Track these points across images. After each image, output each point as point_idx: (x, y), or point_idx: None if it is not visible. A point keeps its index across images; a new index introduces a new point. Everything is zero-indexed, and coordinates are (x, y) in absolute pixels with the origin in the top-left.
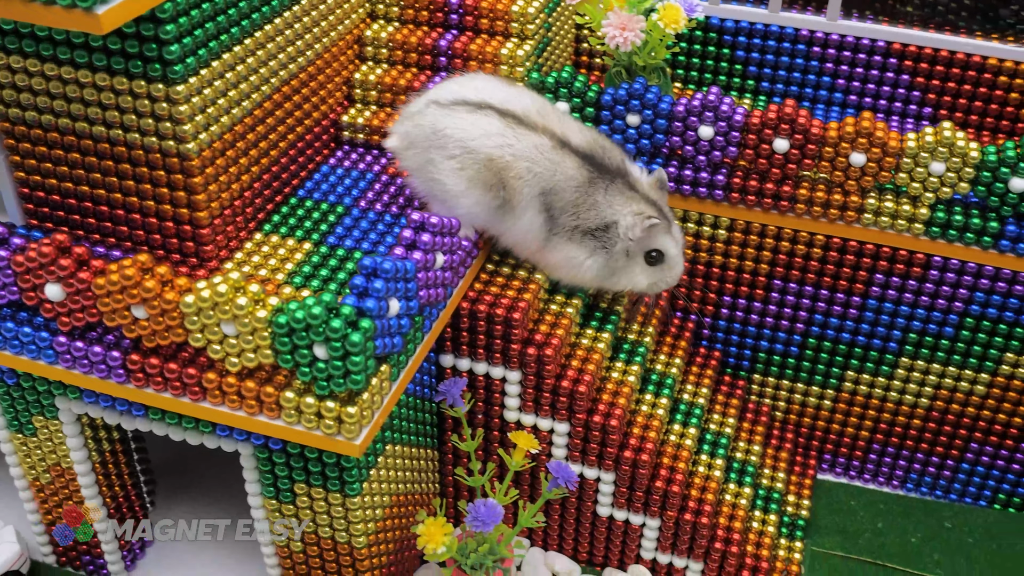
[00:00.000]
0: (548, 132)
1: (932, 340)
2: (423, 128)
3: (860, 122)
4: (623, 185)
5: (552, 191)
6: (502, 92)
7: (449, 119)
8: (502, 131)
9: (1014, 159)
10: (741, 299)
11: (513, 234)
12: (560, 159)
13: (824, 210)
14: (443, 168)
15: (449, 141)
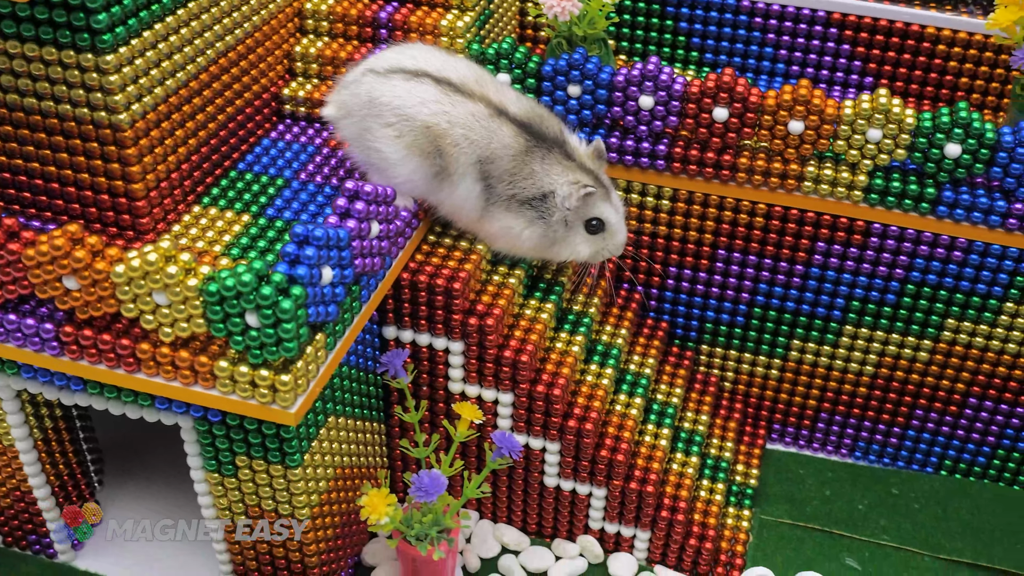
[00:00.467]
0: (485, 100)
1: (875, 307)
2: (359, 97)
3: (797, 90)
4: (560, 154)
5: (489, 159)
6: (439, 60)
7: (385, 87)
8: (438, 98)
9: (948, 124)
10: (686, 269)
11: (451, 203)
12: (497, 127)
13: (764, 179)
14: (380, 136)
15: (385, 109)
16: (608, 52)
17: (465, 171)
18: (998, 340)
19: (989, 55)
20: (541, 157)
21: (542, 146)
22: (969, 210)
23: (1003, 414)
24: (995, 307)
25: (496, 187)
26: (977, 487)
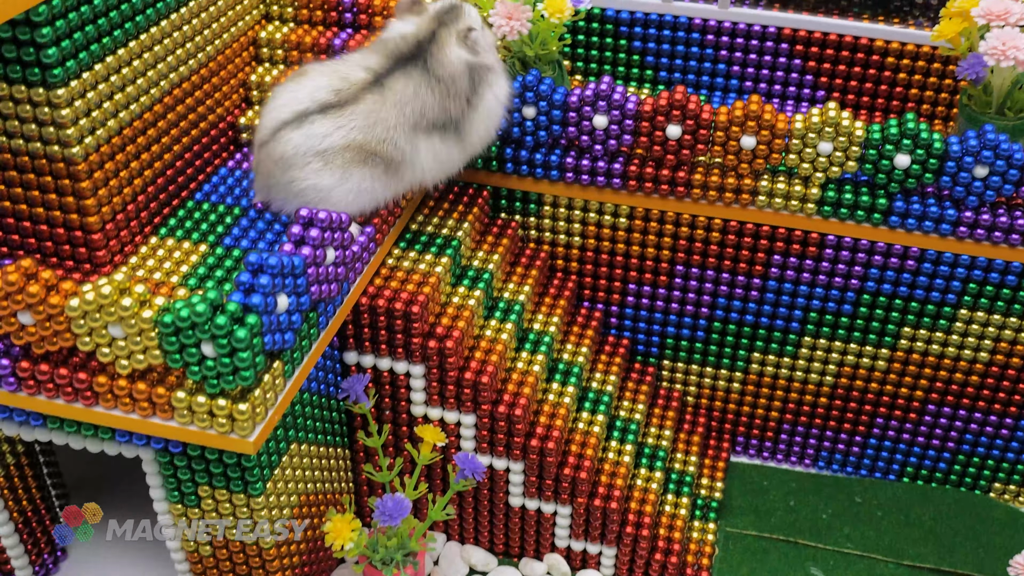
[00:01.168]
0: (364, 88)
1: (832, 318)
2: (266, 164)
3: (748, 106)
4: (434, 45)
5: (420, 115)
6: (311, 86)
7: (282, 145)
8: (336, 124)
9: (897, 136)
10: (646, 286)
11: (425, 170)
12: (391, 92)
13: (719, 194)
14: (307, 175)
15: (297, 158)
16: (562, 73)
17: (413, 144)
18: (954, 347)
19: (937, 66)
20: (428, 61)
21: (414, 63)
22: (920, 219)
23: (961, 420)
24: (949, 314)
25: (436, 127)
26: (938, 493)
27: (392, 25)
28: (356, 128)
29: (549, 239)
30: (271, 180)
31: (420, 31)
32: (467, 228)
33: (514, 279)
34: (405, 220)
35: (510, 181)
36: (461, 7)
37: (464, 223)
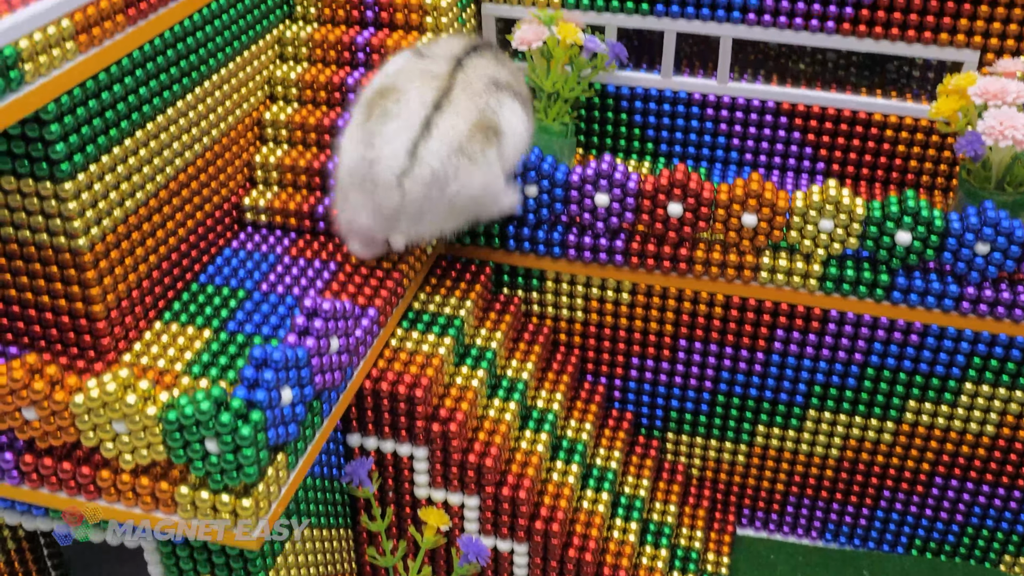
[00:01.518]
0: (451, 73)
1: (836, 392)
2: (417, 192)
3: (749, 184)
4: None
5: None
6: (411, 96)
7: (428, 160)
8: (455, 112)
9: (897, 213)
10: (649, 360)
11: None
12: (470, 69)
13: (721, 270)
14: (462, 180)
15: (448, 167)
16: (572, 138)
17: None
18: (959, 420)
19: (936, 138)
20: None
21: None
22: (923, 295)
23: (969, 492)
24: (954, 388)
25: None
26: (947, 566)
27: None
28: (468, 109)
29: (552, 314)
30: (428, 206)
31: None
32: (469, 307)
33: (517, 356)
34: (408, 299)
35: (512, 258)
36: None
37: (466, 301)
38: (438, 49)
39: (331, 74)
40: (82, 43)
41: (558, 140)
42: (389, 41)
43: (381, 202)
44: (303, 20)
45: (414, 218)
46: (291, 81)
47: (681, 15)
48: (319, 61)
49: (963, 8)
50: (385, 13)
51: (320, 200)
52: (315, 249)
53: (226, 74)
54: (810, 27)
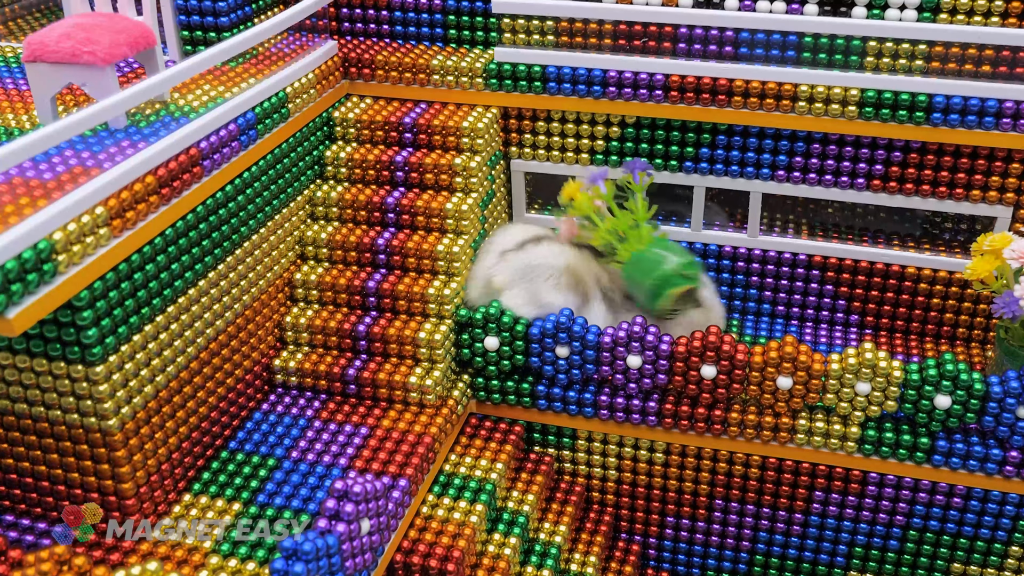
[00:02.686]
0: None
1: (878, 554)
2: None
3: (783, 347)
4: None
5: (599, 278)
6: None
7: (526, 254)
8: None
9: (936, 377)
10: (684, 519)
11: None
12: (579, 254)
13: (757, 431)
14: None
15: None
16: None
17: (593, 296)
18: None
19: (971, 292)
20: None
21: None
22: (965, 459)
23: None
24: (1000, 551)
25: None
26: None
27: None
28: (570, 257)
29: (584, 472)
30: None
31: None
32: (501, 469)
33: (550, 517)
34: (440, 462)
35: (545, 417)
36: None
37: (497, 463)
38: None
39: (361, 234)
40: (115, 227)
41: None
42: (419, 202)
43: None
44: (334, 180)
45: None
46: (322, 241)
47: (710, 171)
48: (349, 221)
49: (994, 166)
50: (415, 174)
51: (351, 361)
52: (346, 412)
53: (259, 239)
54: (840, 184)
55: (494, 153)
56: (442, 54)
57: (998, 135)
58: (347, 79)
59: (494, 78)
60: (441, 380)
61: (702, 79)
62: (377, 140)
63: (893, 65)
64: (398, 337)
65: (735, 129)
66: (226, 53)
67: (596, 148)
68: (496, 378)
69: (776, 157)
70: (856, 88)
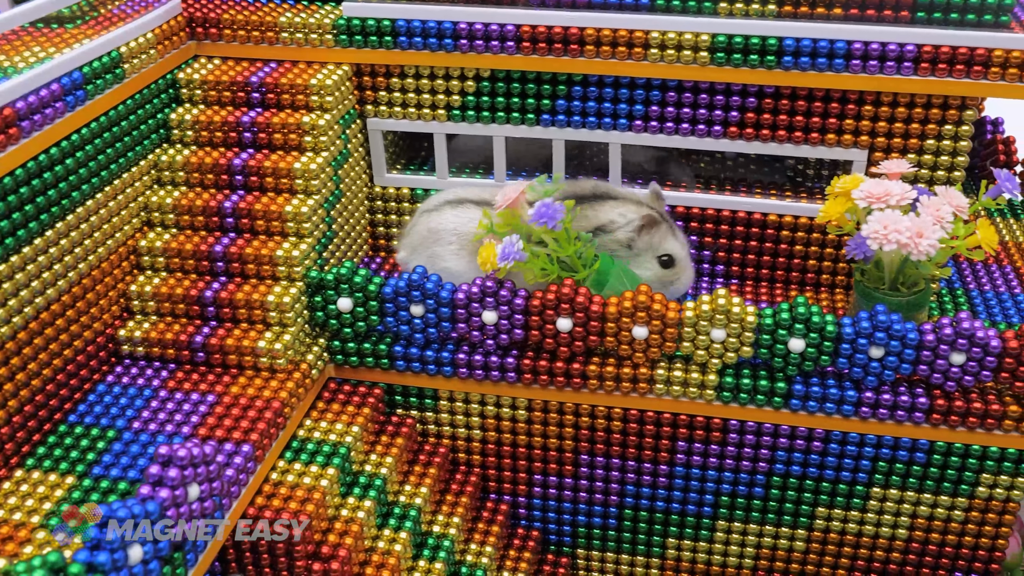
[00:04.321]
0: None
1: (744, 501)
2: (421, 232)
3: (637, 296)
4: (604, 199)
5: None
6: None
7: (435, 218)
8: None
9: (788, 321)
10: (552, 476)
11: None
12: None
13: (616, 384)
14: (445, 255)
15: (444, 234)
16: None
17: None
18: (871, 524)
19: (832, 237)
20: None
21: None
22: (822, 401)
23: None
24: (862, 492)
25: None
26: None
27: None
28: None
29: (449, 433)
30: (418, 248)
31: (613, 190)
32: (357, 432)
33: (412, 479)
34: (293, 428)
35: (405, 378)
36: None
37: (353, 427)
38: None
39: (208, 198)
40: None
41: (615, 272)
42: (267, 163)
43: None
44: (181, 143)
45: (408, 246)
46: (167, 207)
47: (567, 124)
48: (197, 185)
49: (847, 109)
50: (263, 135)
51: (199, 329)
52: (194, 381)
53: (94, 205)
54: (697, 132)
55: (347, 112)
56: (292, 11)
57: (849, 77)
58: (194, 40)
59: (344, 34)
60: (292, 344)
61: (553, 29)
62: (225, 101)
63: (747, 10)
64: (247, 302)
65: (590, 80)
66: (53, 6)
67: (452, 104)
68: (353, 340)
69: (632, 107)
70: (707, 33)
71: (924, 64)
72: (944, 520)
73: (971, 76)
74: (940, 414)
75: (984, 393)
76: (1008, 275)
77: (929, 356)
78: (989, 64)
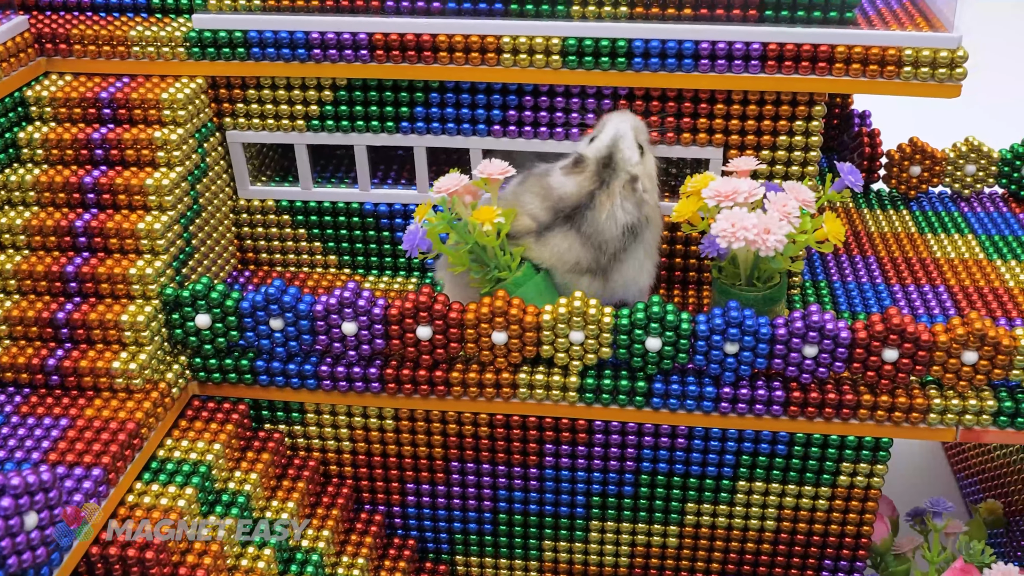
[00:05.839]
0: (527, 235)
1: (615, 500)
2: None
3: (494, 302)
4: (588, 217)
5: (574, 263)
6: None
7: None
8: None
9: (644, 320)
10: (424, 484)
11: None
12: (550, 245)
13: (480, 390)
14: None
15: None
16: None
17: (564, 282)
18: (739, 518)
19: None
20: (587, 220)
21: (579, 214)
22: (681, 399)
23: None
24: (729, 486)
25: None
26: None
27: (555, 175)
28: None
29: (319, 446)
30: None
31: (580, 192)
32: (218, 449)
33: (279, 495)
34: (152, 448)
35: (269, 392)
36: (619, 156)
37: (215, 444)
38: (540, 193)
39: (60, 217)
40: None
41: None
42: (119, 180)
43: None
44: (31, 163)
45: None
46: (18, 228)
47: (427, 131)
48: (49, 205)
49: (700, 108)
50: (116, 151)
51: (52, 351)
52: (48, 404)
53: None
54: (555, 136)
55: (203, 125)
56: (143, 24)
57: (699, 76)
58: (44, 56)
59: (196, 46)
60: (148, 363)
61: (406, 36)
62: (76, 118)
63: (598, 12)
64: (100, 322)
65: (447, 86)
66: None
67: (311, 113)
68: (214, 357)
69: (490, 112)
70: (557, 37)
71: (771, 62)
72: (810, 510)
73: (816, 72)
74: (797, 406)
75: (839, 384)
76: (871, 264)
77: (783, 350)
78: (833, 60)
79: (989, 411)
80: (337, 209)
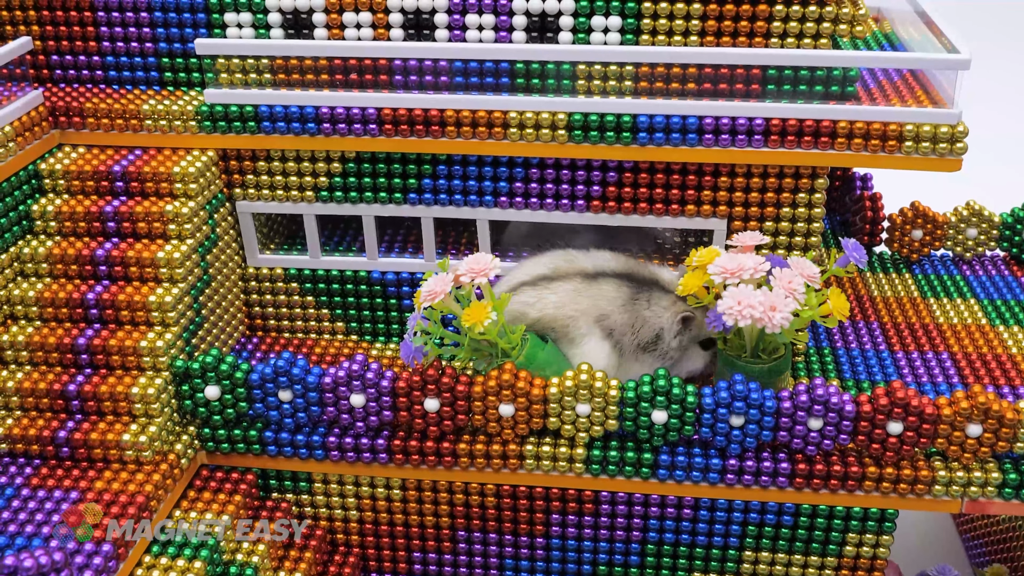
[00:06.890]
0: (578, 272)
1: (622, 570)
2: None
3: (502, 375)
4: (659, 291)
5: (604, 316)
6: (530, 266)
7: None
8: (537, 295)
9: (650, 393)
10: (431, 553)
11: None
12: (598, 287)
13: (487, 460)
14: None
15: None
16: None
17: (585, 332)
18: None
19: None
20: (647, 300)
21: (643, 289)
22: (687, 470)
23: None
24: (735, 556)
25: (621, 340)
26: None
27: (654, 310)
28: (551, 304)
29: (326, 515)
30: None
31: (664, 275)
32: (227, 521)
33: (287, 564)
34: (161, 519)
35: (278, 462)
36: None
37: (223, 515)
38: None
39: (72, 289)
40: None
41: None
42: (131, 252)
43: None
44: (44, 234)
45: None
46: (30, 299)
47: (435, 202)
48: (61, 276)
49: (704, 180)
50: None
51: (63, 423)
52: (59, 477)
53: None
54: (561, 207)
55: (213, 196)
56: (155, 98)
57: (702, 150)
58: (58, 128)
59: (207, 120)
60: (158, 435)
61: (414, 111)
62: (88, 191)
63: (604, 87)
64: (111, 394)
65: (454, 158)
66: None
67: (320, 185)
68: (223, 427)
69: (497, 184)
70: (563, 112)
71: (773, 136)
72: None
73: (818, 147)
74: (802, 478)
75: (844, 455)
76: (874, 331)
77: (788, 423)
78: (835, 135)
79: (994, 483)
80: (345, 277)
